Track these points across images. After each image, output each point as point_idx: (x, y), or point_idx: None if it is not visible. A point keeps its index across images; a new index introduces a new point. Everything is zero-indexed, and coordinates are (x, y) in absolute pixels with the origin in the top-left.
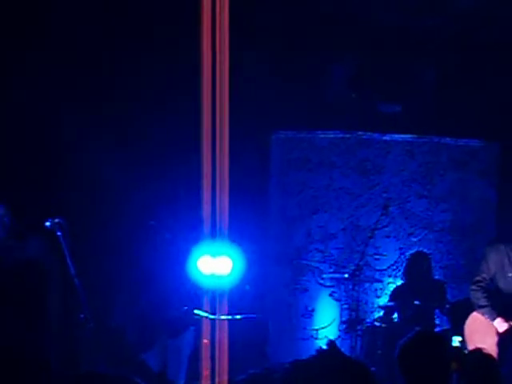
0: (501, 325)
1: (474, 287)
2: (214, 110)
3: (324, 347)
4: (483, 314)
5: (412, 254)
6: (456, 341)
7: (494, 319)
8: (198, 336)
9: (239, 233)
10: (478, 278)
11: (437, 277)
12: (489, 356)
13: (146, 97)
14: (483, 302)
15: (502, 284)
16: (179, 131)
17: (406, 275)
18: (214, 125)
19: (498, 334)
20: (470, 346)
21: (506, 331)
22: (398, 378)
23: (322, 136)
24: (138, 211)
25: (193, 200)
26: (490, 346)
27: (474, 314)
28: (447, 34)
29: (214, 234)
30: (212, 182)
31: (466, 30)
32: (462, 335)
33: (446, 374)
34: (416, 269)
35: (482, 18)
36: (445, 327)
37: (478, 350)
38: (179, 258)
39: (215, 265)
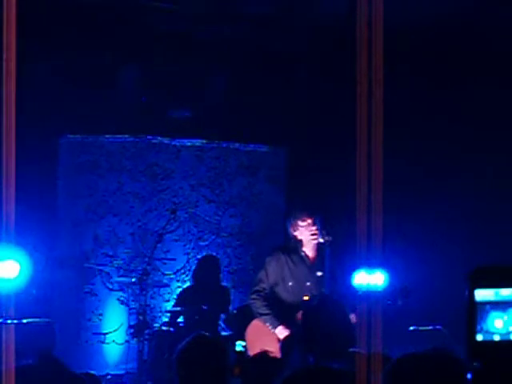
0: (283, 333)
1: (253, 296)
2: (0, 112)
3: None
4: (265, 322)
5: (201, 258)
6: (240, 345)
7: (275, 327)
8: None
9: (26, 236)
10: (256, 288)
11: (225, 281)
12: (273, 358)
13: None
14: (264, 310)
15: (283, 293)
16: None
17: (194, 278)
18: (0, 126)
19: (279, 340)
20: (252, 352)
21: (287, 336)
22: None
23: (111, 140)
24: None
25: None
26: (275, 352)
27: (255, 321)
28: (238, 41)
29: None
30: None
31: (258, 37)
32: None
33: (222, 379)
34: (204, 272)
35: (275, 27)
36: (229, 332)
37: (263, 353)
38: None
39: (1, 268)
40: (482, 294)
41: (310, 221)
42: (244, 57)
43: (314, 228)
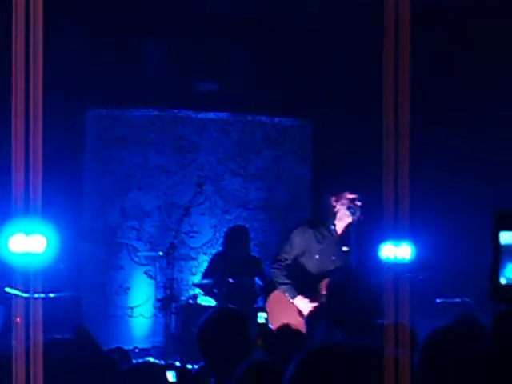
0: (302, 303)
1: (274, 266)
2: (27, 85)
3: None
4: (284, 292)
5: (230, 228)
6: (261, 317)
7: (294, 297)
8: (8, 314)
9: (53, 210)
10: (278, 258)
11: (252, 254)
12: (297, 331)
13: None
14: (283, 279)
15: (308, 265)
16: None
17: (224, 249)
18: (28, 100)
19: (301, 312)
20: (273, 324)
21: (313, 309)
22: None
23: (137, 114)
24: None
25: (4, 177)
26: (295, 323)
27: (275, 292)
28: (264, 15)
29: (27, 211)
30: (25, 159)
31: (282, 11)
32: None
33: (245, 351)
34: (234, 243)
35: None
36: (261, 304)
37: (286, 326)
38: None
39: (29, 243)
40: (506, 238)
41: (356, 196)
42: (269, 30)
43: (359, 203)
